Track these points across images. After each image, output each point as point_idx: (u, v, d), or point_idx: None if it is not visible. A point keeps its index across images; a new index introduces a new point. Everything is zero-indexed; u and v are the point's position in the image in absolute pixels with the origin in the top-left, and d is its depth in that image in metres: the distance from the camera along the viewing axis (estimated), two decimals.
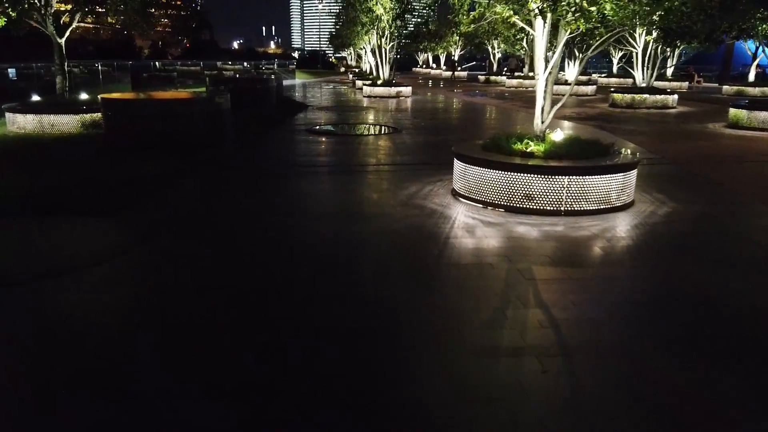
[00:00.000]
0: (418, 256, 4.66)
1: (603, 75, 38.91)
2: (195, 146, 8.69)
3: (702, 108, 18.57)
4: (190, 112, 8.60)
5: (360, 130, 13.10)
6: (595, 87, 24.31)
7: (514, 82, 30.34)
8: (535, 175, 5.77)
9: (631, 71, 19.18)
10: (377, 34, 22.96)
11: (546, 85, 6.61)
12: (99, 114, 9.78)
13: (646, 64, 18.39)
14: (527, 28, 6.57)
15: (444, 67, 55.43)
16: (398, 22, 22.05)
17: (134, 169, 8.09)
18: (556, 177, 5.73)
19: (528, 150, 6.16)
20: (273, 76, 17.95)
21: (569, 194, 5.76)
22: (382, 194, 6.75)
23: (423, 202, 6.31)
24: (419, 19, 24.70)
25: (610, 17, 5.92)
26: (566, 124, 14.08)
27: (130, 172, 7.94)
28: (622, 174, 5.94)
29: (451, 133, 12.82)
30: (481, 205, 6.12)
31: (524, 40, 29.75)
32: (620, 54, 34.87)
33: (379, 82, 23.76)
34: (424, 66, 66.49)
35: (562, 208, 5.78)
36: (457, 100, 22.50)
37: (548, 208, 5.79)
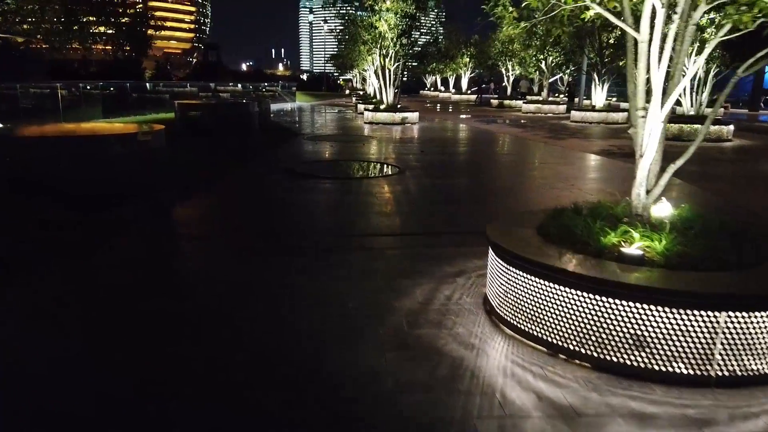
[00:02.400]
0: None
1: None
2: (95, 203, 5.95)
3: (763, 141, 15.76)
4: (96, 153, 5.90)
5: (353, 171, 10.36)
6: (625, 114, 21.54)
7: (532, 107, 27.66)
8: (658, 307, 2.94)
9: (681, 98, 16.41)
10: (380, 53, 20.42)
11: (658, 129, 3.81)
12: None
13: (695, 89, 15.65)
14: (627, 29, 3.79)
15: (453, 90, 53.05)
16: (403, 41, 19.49)
17: None
18: (703, 313, 2.90)
19: (631, 250, 3.33)
20: (257, 101, 15.36)
21: (726, 344, 2.92)
22: (364, 307, 3.94)
23: (435, 332, 3.49)
24: (427, 38, 22.14)
25: None
26: (607, 162, 11.28)
27: None
28: None
29: (469, 175, 10.05)
30: (544, 350, 3.29)
31: (543, 63, 27.18)
32: None
33: (382, 106, 21.19)
34: (432, 89, 64.32)
35: (712, 372, 2.94)
36: (471, 129, 19.81)
37: (682, 369, 2.95)
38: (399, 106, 21.54)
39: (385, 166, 10.59)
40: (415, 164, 10.92)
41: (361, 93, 45.57)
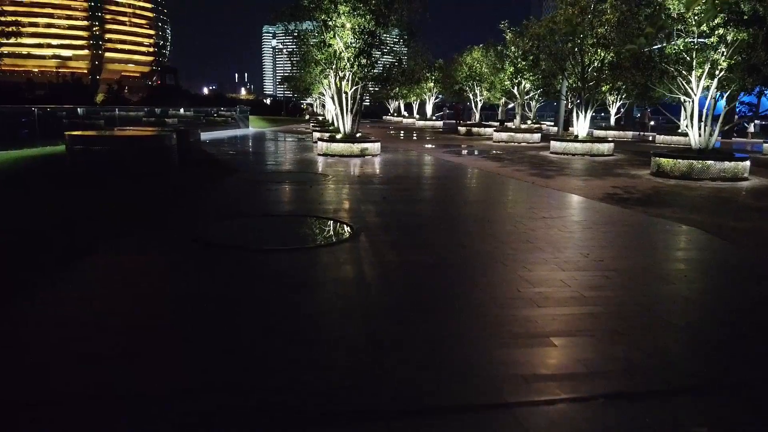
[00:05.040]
0: None
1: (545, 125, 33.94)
2: None
3: None
4: None
5: (287, 235, 7.41)
6: (611, 145, 19.29)
7: (504, 135, 25.28)
8: None
9: (687, 129, 14.11)
10: (336, 75, 17.68)
11: None
12: None
13: (703, 119, 13.36)
14: None
15: (417, 116, 50.86)
16: (362, 60, 16.80)
17: None
18: None
19: None
20: (177, 131, 12.34)
21: None
22: None
23: None
24: (389, 58, 19.55)
25: None
26: (624, 214, 8.64)
27: None
28: None
29: (449, 240, 7.15)
30: None
31: (516, 87, 24.96)
32: (619, 103, 30.57)
33: (338, 136, 18.39)
34: (396, 114, 62.25)
35: None
36: (440, 163, 17.15)
37: None
38: (358, 135, 18.79)
39: (335, 224, 7.69)
40: (375, 220, 8.06)
41: (320, 119, 42.91)
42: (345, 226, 7.55)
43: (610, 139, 21.93)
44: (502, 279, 5.37)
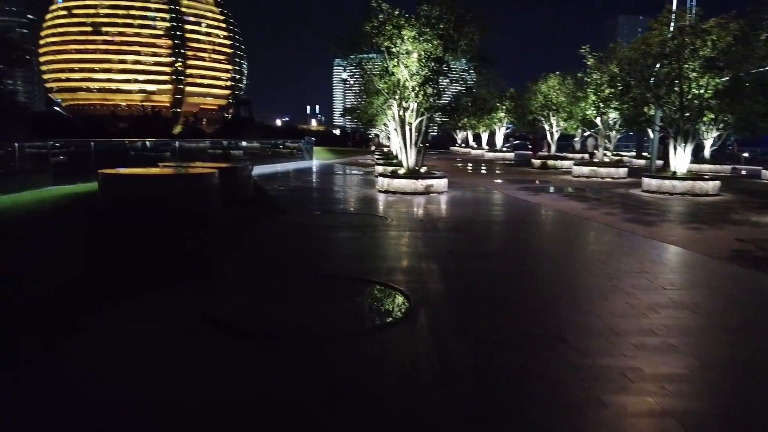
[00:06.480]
0: None
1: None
2: None
3: None
4: None
5: (316, 311, 5.79)
6: (717, 183, 16.60)
7: (585, 170, 22.88)
8: None
9: None
10: (400, 105, 16.26)
11: None
12: None
13: None
14: None
15: (486, 147, 48.82)
16: (428, 89, 15.29)
17: None
18: None
19: None
20: (232, 165, 11.26)
21: None
22: None
23: None
24: (459, 86, 17.94)
25: None
26: (766, 281, 6.44)
27: None
28: None
29: (542, 321, 5.25)
30: None
31: (600, 118, 22.65)
32: (716, 133, 27.41)
33: (401, 171, 16.88)
34: (463, 145, 60.52)
35: None
36: (515, 203, 15.17)
37: None
38: (423, 169, 17.18)
39: (387, 293, 6.01)
40: (439, 287, 6.36)
41: (385, 150, 41.90)
42: (399, 295, 5.87)
43: (708, 175, 19.19)
44: (631, 413, 3.47)
